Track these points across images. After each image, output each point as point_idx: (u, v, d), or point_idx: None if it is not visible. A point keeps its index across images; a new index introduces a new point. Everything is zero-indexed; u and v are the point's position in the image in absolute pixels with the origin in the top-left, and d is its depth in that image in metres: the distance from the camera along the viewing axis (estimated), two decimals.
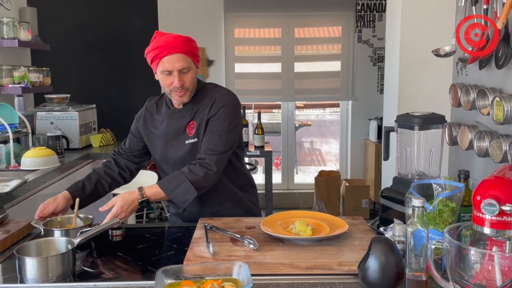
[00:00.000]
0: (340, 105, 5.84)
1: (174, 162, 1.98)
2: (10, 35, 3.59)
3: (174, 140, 1.97)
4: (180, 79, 1.84)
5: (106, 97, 5.06)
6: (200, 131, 1.92)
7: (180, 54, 1.82)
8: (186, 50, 1.83)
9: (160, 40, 1.83)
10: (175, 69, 1.82)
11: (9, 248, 1.64)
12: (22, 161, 2.93)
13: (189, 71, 1.87)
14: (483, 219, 1.19)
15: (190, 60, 1.86)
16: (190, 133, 1.94)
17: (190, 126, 1.95)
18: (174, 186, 1.81)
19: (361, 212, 5.08)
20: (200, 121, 1.92)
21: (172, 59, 1.81)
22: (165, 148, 1.99)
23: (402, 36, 2.95)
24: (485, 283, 1.17)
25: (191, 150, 1.93)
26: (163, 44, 1.81)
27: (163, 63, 1.83)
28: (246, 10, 5.34)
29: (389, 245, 1.31)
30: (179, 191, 1.80)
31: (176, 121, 1.96)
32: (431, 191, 1.53)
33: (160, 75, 1.88)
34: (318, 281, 1.37)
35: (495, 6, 1.72)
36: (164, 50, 1.81)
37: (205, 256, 1.48)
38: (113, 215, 1.70)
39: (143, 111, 2.09)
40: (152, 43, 1.86)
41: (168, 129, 1.97)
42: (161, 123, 2.00)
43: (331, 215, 1.85)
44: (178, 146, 1.96)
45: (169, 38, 1.82)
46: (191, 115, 1.95)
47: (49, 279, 1.37)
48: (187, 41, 1.85)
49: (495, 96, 1.69)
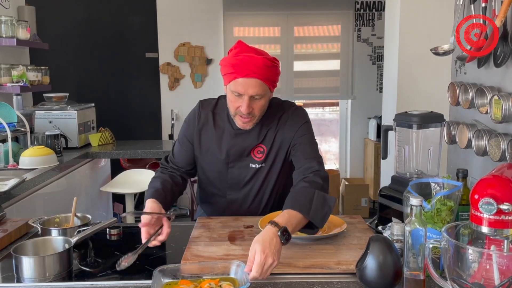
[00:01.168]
0: (340, 104, 5.83)
1: (233, 183, 1.86)
2: (9, 34, 3.58)
3: (236, 161, 1.83)
4: (249, 106, 1.66)
5: (105, 96, 5.06)
6: (270, 156, 1.80)
7: (257, 80, 1.63)
8: (265, 77, 1.64)
9: (241, 58, 1.63)
10: (247, 94, 1.65)
11: (6, 247, 1.64)
12: (21, 160, 2.92)
13: (262, 98, 1.69)
14: (481, 218, 1.18)
15: (266, 87, 1.67)
16: (257, 157, 1.81)
17: (256, 149, 1.81)
18: (307, 203, 1.52)
19: (361, 211, 5.08)
20: (272, 145, 1.79)
21: (247, 83, 1.63)
22: (224, 169, 1.85)
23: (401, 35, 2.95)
24: (483, 282, 1.17)
25: (256, 175, 1.83)
26: (243, 64, 1.62)
27: (236, 83, 1.64)
28: (245, 8, 5.33)
29: (387, 244, 1.31)
30: (316, 205, 1.52)
31: (240, 142, 1.80)
32: (429, 190, 1.53)
33: (229, 93, 1.70)
34: (315, 280, 1.37)
35: (493, 4, 1.72)
36: (241, 71, 1.62)
37: (203, 256, 1.47)
38: (261, 264, 1.29)
39: (197, 116, 1.86)
40: (231, 56, 1.67)
41: (231, 149, 1.81)
42: (221, 139, 1.82)
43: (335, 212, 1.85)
44: (240, 169, 1.83)
45: (251, 59, 1.62)
46: (258, 138, 1.79)
47: (46, 279, 1.37)
48: (269, 66, 1.65)
49: (493, 94, 1.68)
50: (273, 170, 1.83)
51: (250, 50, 1.67)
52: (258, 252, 1.30)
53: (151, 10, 5.11)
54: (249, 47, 1.69)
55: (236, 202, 1.90)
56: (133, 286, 1.34)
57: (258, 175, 1.83)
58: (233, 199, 1.90)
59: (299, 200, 1.52)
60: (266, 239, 1.34)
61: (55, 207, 2.89)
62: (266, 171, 1.82)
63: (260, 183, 1.84)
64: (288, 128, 1.78)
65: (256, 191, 1.87)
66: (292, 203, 1.51)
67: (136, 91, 5.20)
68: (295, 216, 1.46)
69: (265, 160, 1.81)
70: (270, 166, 1.82)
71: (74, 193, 3.24)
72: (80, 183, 3.47)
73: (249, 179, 1.84)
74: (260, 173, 1.83)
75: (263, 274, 1.30)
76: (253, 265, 1.30)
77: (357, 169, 5.71)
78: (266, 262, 1.30)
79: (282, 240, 1.36)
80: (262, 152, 1.81)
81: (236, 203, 1.89)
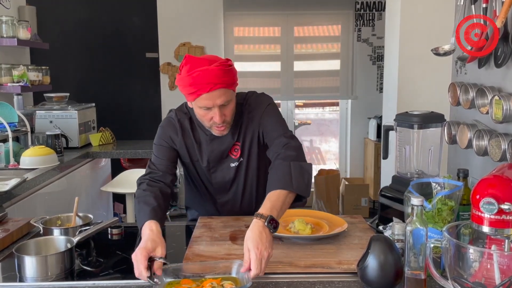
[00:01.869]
0: (340, 104, 5.84)
1: (219, 187, 1.89)
2: (9, 34, 3.58)
3: (217, 166, 1.85)
4: (222, 114, 1.66)
5: (105, 96, 5.06)
6: (244, 150, 1.82)
7: (221, 89, 1.61)
8: (227, 83, 1.62)
9: (197, 75, 1.58)
10: (216, 106, 1.64)
11: (8, 247, 1.64)
12: (22, 159, 2.93)
13: (230, 102, 1.68)
14: (482, 218, 1.19)
15: (230, 91, 1.67)
16: (235, 155, 1.83)
17: (233, 148, 1.82)
18: (287, 177, 1.54)
19: (361, 211, 5.08)
20: (244, 139, 1.81)
21: (213, 96, 1.61)
22: (207, 173, 1.87)
23: (401, 35, 2.95)
24: (484, 282, 1.17)
25: (238, 172, 1.85)
26: (202, 80, 1.58)
27: (202, 99, 1.62)
28: (246, 8, 5.34)
29: (388, 244, 1.32)
30: (296, 176, 1.54)
31: (218, 146, 1.82)
32: (430, 189, 1.54)
33: (197, 109, 1.69)
34: (317, 279, 1.37)
35: (494, 4, 1.72)
36: (203, 87, 1.59)
37: (204, 255, 1.48)
38: (258, 260, 1.31)
39: (178, 125, 1.83)
40: (186, 76, 1.61)
41: (210, 155, 1.83)
42: (200, 148, 1.83)
43: (330, 213, 1.85)
44: (222, 171, 1.85)
45: (207, 72, 1.58)
46: (233, 137, 1.82)
47: (48, 278, 1.37)
48: (227, 71, 1.62)
49: (494, 95, 1.69)
50: (251, 163, 1.84)
51: (202, 62, 1.62)
52: (252, 250, 1.32)
53: (152, 10, 5.11)
54: (200, 59, 1.64)
55: (227, 204, 1.91)
56: (135, 285, 1.35)
57: (240, 172, 1.84)
58: (223, 202, 1.92)
59: (278, 178, 1.54)
60: (255, 234, 1.35)
61: (56, 207, 2.90)
62: (245, 165, 1.84)
63: (243, 179, 1.86)
64: (253, 116, 1.79)
65: (242, 189, 1.88)
66: (273, 183, 1.53)
67: (136, 91, 5.21)
68: (278, 198, 1.47)
69: (241, 155, 1.82)
70: (247, 160, 1.83)
71: (75, 193, 3.25)
72: (80, 183, 3.47)
73: (233, 179, 1.86)
74: (241, 169, 1.84)
75: (262, 269, 1.32)
76: (249, 264, 1.31)
77: (357, 169, 5.71)
78: (263, 257, 1.31)
79: (270, 230, 1.38)
80: (237, 149, 1.82)
81: (228, 205, 1.91)
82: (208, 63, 1.61)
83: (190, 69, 1.60)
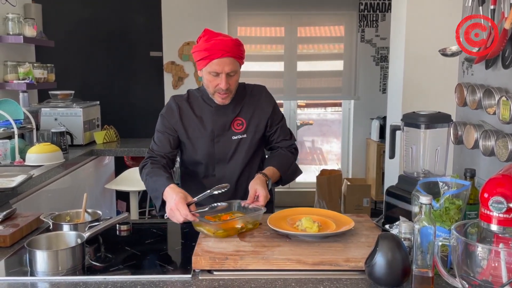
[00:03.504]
0: (342, 104, 5.85)
1: (220, 158, 2.03)
2: (15, 31, 3.60)
3: (220, 136, 2.01)
4: (227, 82, 1.88)
5: (110, 94, 5.07)
6: (250, 128, 2.02)
7: (230, 58, 1.86)
8: (236, 55, 1.87)
9: (213, 42, 1.84)
10: (223, 72, 1.86)
11: (18, 241, 1.66)
12: (27, 156, 2.94)
13: (236, 74, 1.91)
14: (491, 216, 1.20)
15: (238, 64, 1.91)
16: (238, 129, 2.02)
17: (235, 122, 2.02)
18: (286, 167, 2.05)
19: (362, 211, 5.09)
20: (251, 119, 2.02)
21: (222, 62, 1.85)
22: (210, 146, 2.02)
23: (407, 35, 2.96)
24: (491, 280, 1.19)
25: (239, 146, 2.02)
26: (216, 46, 1.83)
27: (212, 64, 1.85)
28: (249, 8, 5.35)
29: (396, 242, 1.33)
30: (291, 172, 2.07)
31: (221, 117, 2.01)
32: (438, 189, 1.55)
33: (206, 75, 1.91)
34: (325, 277, 1.39)
35: (502, 6, 1.73)
36: (216, 53, 1.83)
37: (214, 251, 1.49)
38: (263, 196, 1.81)
39: (176, 109, 2.02)
40: (203, 42, 1.87)
41: (214, 126, 2.00)
42: (202, 120, 2.01)
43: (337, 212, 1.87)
44: (225, 143, 2.02)
45: (222, 41, 1.84)
46: (235, 111, 2.01)
47: (59, 272, 1.39)
48: (238, 45, 1.88)
49: (501, 95, 1.70)
50: (254, 141, 2.05)
51: (218, 34, 1.90)
52: (261, 189, 1.83)
53: (156, 9, 5.12)
54: (216, 33, 1.91)
55: (224, 179, 2.02)
56: (145, 280, 1.36)
57: (242, 146, 2.03)
58: (221, 176, 2.05)
59: (282, 161, 2.04)
60: (262, 182, 1.88)
61: (60, 204, 2.91)
62: (248, 142, 2.03)
63: (243, 154, 2.04)
64: (265, 105, 2.06)
65: (241, 163, 2.05)
66: (278, 163, 2.02)
67: (140, 90, 5.22)
68: (276, 173, 2.00)
69: (246, 131, 2.03)
70: (252, 137, 2.04)
71: (79, 190, 3.26)
72: (84, 181, 3.48)
73: (233, 151, 2.03)
74: (243, 144, 2.03)
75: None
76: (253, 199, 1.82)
77: (359, 170, 5.72)
78: (267, 195, 1.83)
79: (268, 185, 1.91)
80: (241, 124, 2.03)
81: (224, 179, 2.01)
82: (223, 35, 1.90)
83: (208, 38, 1.87)
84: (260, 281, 1.36)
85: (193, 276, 1.40)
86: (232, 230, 1.64)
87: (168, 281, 1.36)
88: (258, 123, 2.04)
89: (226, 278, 1.38)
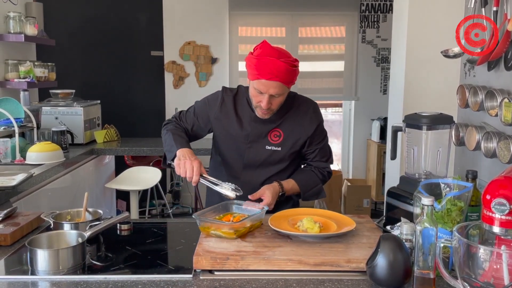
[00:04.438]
0: (343, 105, 5.85)
1: (247, 163, 2.01)
2: (17, 30, 3.60)
3: (254, 142, 1.99)
4: (269, 102, 1.84)
5: (110, 93, 5.07)
6: (287, 142, 1.97)
7: (278, 83, 1.80)
8: (286, 80, 1.81)
9: (264, 62, 1.77)
10: (267, 93, 1.82)
11: (18, 240, 1.65)
12: (28, 155, 2.94)
13: (280, 96, 1.86)
14: (493, 218, 1.20)
15: (285, 87, 1.85)
16: (274, 141, 1.98)
17: (273, 133, 1.98)
18: (310, 187, 2.01)
19: (362, 212, 5.09)
20: (290, 133, 1.97)
21: (269, 84, 1.80)
22: (241, 149, 2.00)
23: (408, 36, 2.95)
24: (493, 282, 1.18)
25: (270, 157, 1.99)
26: (266, 68, 1.77)
27: (259, 83, 1.81)
28: (251, 8, 5.35)
29: (397, 243, 1.33)
30: (313, 192, 2.02)
31: (259, 125, 1.97)
32: (439, 190, 1.55)
33: (252, 88, 1.88)
34: (326, 277, 1.38)
35: (505, 8, 1.73)
36: (265, 74, 1.78)
37: (215, 251, 1.49)
38: (266, 203, 1.82)
39: (220, 100, 2.02)
40: (256, 57, 1.80)
41: (251, 131, 1.98)
42: (241, 122, 1.99)
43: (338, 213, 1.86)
44: (257, 150, 1.99)
45: (274, 64, 1.76)
46: (275, 122, 1.97)
47: (60, 272, 1.38)
48: (291, 70, 1.80)
49: (503, 97, 1.70)
50: (287, 156, 2.00)
51: (273, 53, 1.79)
52: (269, 196, 1.86)
53: (157, 9, 5.12)
54: (273, 49, 1.81)
55: (249, 183, 1.98)
56: (146, 280, 1.36)
57: (273, 157, 1.99)
58: (246, 180, 2.00)
59: (307, 183, 2.01)
60: (275, 191, 1.90)
61: (60, 203, 2.91)
62: (281, 155, 1.99)
63: (273, 165, 2.00)
64: (308, 122, 1.99)
65: (268, 172, 2.01)
66: (302, 180, 2.00)
67: (141, 89, 5.22)
68: (295, 188, 1.98)
69: (282, 144, 1.98)
70: (286, 152, 1.99)
71: (79, 189, 3.26)
72: (84, 180, 3.48)
73: (263, 160, 1.99)
74: (275, 156, 1.99)
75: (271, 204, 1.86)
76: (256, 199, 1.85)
77: (359, 170, 5.72)
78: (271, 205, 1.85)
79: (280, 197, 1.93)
80: (278, 136, 1.98)
81: (250, 184, 1.97)
82: (277, 55, 1.79)
83: (260, 55, 1.79)
84: (261, 281, 1.36)
85: (194, 276, 1.39)
86: (244, 229, 1.64)
87: (169, 281, 1.36)
88: (297, 140, 1.99)
89: (227, 278, 1.38)
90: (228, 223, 1.62)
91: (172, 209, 5.12)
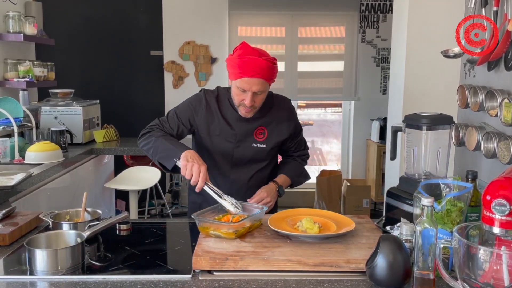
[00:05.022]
0: (343, 105, 5.85)
1: (236, 162, 2.07)
2: (16, 29, 3.59)
3: (241, 141, 2.05)
4: (252, 100, 1.91)
5: (109, 93, 5.07)
6: (271, 139, 2.07)
7: (260, 80, 1.87)
8: (267, 77, 1.89)
9: (246, 60, 1.85)
10: (251, 91, 1.88)
11: (17, 240, 1.65)
12: (27, 155, 2.93)
13: (262, 93, 1.93)
14: (493, 219, 1.19)
15: (267, 84, 1.92)
16: (259, 138, 2.06)
17: (258, 131, 2.06)
18: (297, 175, 2.17)
19: (362, 212, 5.09)
20: (272, 130, 2.06)
21: (251, 82, 1.87)
22: (229, 148, 2.05)
23: (408, 36, 2.96)
24: (493, 283, 1.18)
25: (256, 153, 2.07)
26: (248, 66, 1.84)
27: (242, 81, 1.88)
28: (251, 8, 5.35)
29: (397, 244, 1.32)
30: (300, 179, 2.19)
31: (245, 124, 2.04)
32: (439, 191, 1.54)
33: (234, 88, 1.94)
34: (325, 278, 1.38)
35: (505, 8, 1.73)
36: (247, 72, 1.85)
37: (214, 251, 1.48)
38: (265, 203, 1.93)
39: (204, 103, 2.04)
40: (237, 57, 1.88)
41: (238, 131, 2.04)
42: (227, 123, 2.03)
43: (338, 213, 1.86)
44: (245, 148, 2.05)
45: (255, 62, 1.84)
46: (259, 120, 2.04)
47: (58, 272, 1.38)
48: (271, 67, 1.89)
49: (503, 97, 1.70)
50: (272, 151, 2.11)
51: (254, 52, 1.88)
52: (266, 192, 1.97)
53: (157, 8, 5.12)
54: (253, 49, 1.90)
55: (238, 181, 2.07)
56: (145, 280, 1.35)
57: (260, 154, 2.08)
58: (235, 178, 2.08)
59: (295, 172, 2.17)
60: (271, 189, 2.02)
61: (59, 203, 2.90)
62: (266, 151, 2.08)
63: (260, 162, 2.10)
64: (288, 121, 2.11)
65: (255, 168, 2.10)
66: (290, 171, 2.15)
67: (140, 89, 5.21)
68: (287, 180, 2.12)
69: (267, 141, 2.07)
70: (270, 148, 2.08)
71: (78, 189, 3.25)
72: (84, 179, 3.48)
73: (251, 157, 2.07)
74: (262, 152, 2.08)
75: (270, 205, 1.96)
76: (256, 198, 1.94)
77: (359, 170, 5.72)
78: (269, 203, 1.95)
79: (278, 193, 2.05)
80: (263, 133, 2.07)
81: (239, 182, 2.07)
82: (258, 54, 1.88)
83: (242, 54, 1.87)
84: (261, 282, 1.35)
85: (193, 277, 1.39)
86: (244, 229, 1.65)
87: (168, 281, 1.36)
88: (279, 136, 2.08)
89: (226, 278, 1.38)
90: (228, 223, 1.62)
91: (171, 209, 5.11)
